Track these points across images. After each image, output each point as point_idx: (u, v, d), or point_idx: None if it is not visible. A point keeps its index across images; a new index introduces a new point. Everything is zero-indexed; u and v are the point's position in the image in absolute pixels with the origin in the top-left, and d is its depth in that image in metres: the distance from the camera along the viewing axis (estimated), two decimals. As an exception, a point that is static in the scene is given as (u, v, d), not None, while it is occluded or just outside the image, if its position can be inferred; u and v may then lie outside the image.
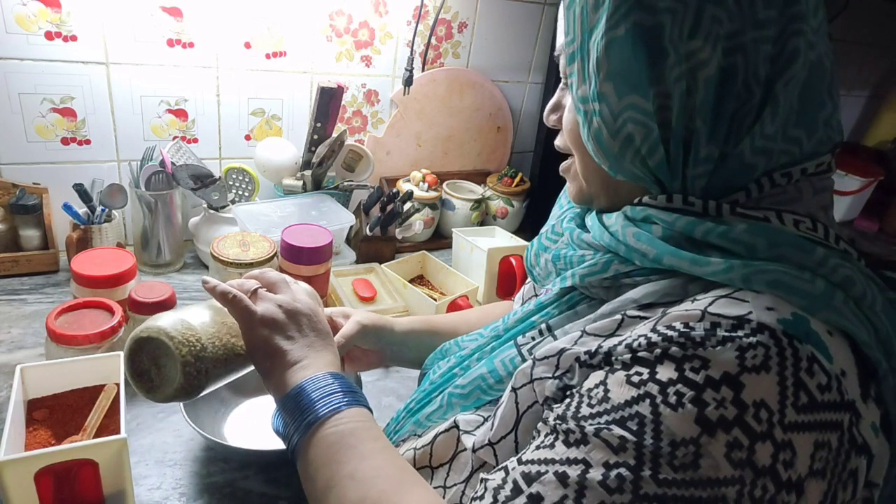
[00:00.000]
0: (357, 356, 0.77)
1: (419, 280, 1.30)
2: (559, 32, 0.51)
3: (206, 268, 1.21)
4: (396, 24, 1.35)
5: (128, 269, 0.93)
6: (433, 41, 1.40)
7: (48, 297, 1.06)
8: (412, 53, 1.37)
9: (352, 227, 1.32)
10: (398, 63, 1.40)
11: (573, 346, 0.45)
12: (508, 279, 1.19)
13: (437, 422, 0.58)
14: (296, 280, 0.67)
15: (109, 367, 0.74)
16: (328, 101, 1.25)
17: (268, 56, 1.24)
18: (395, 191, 1.33)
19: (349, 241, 1.34)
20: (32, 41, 1.05)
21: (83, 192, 1.10)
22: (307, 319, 0.60)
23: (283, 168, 1.28)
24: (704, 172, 0.44)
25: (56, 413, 0.71)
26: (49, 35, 1.05)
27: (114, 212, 1.14)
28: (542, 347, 0.47)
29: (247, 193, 1.29)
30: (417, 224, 1.35)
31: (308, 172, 1.28)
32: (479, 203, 1.50)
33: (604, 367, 0.41)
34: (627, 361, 0.39)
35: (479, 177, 1.59)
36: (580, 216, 0.57)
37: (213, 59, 1.20)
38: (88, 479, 0.63)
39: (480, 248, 1.21)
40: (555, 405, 0.43)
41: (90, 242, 1.10)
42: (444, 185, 1.49)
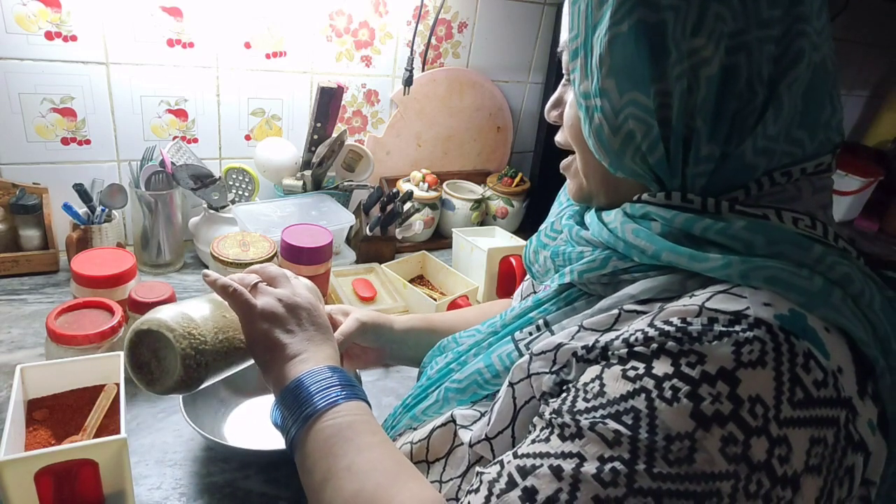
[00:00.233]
0: (356, 353, 0.77)
1: (419, 280, 1.30)
2: (563, 28, 0.51)
3: (206, 268, 1.21)
4: (396, 24, 1.35)
5: (128, 269, 0.93)
6: (433, 41, 1.40)
7: (48, 297, 1.06)
8: (412, 53, 1.37)
9: (352, 227, 1.32)
10: (398, 63, 1.40)
11: (570, 341, 0.45)
12: (508, 279, 1.19)
13: (434, 416, 0.58)
14: (296, 275, 0.67)
15: (109, 367, 0.74)
16: (328, 101, 1.25)
17: (268, 56, 1.25)
18: (395, 191, 1.33)
19: (349, 241, 1.34)
20: (32, 41, 1.05)
21: (83, 192, 1.10)
22: (307, 313, 0.60)
23: (283, 168, 1.28)
24: (705, 171, 0.44)
25: (56, 413, 0.71)
26: (49, 35, 1.05)
27: (114, 212, 1.14)
28: (540, 342, 0.47)
29: (247, 193, 1.29)
30: (417, 224, 1.35)
31: (308, 172, 1.29)
32: (479, 203, 1.50)
33: (600, 362, 0.41)
34: (624, 356, 0.39)
35: (479, 177, 1.59)
36: (579, 213, 0.57)
37: (213, 59, 1.20)
38: (88, 479, 0.64)
39: (480, 248, 1.21)
40: (551, 400, 0.43)
41: (90, 242, 1.11)
42: (444, 185, 1.49)
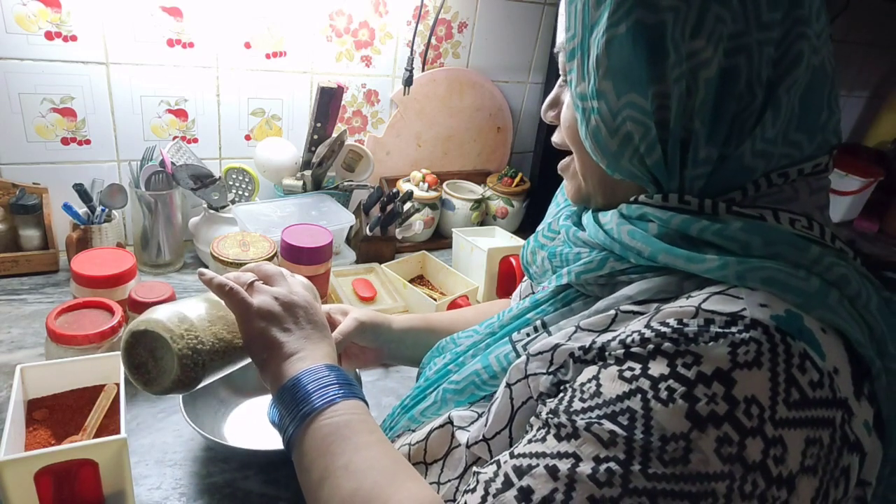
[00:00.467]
0: (355, 353, 0.77)
1: (419, 280, 1.30)
2: (559, 28, 0.50)
3: (207, 268, 1.21)
4: (396, 24, 1.35)
5: (128, 269, 0.93)
6: (433, 41, 1.40)
7: (48, 297, 1.06)
8: (412, 53, 1.38)
9: (352, 227, 1.32)
10: (398, 63, 1.40)
11: (567, 342, 0.45)
12: (508, 279, 1.19)
13: (432, 417, 0.58)
14: (292, 273, 0.66)
15: (109, 367, 0.74)
16: (328, 101, 1.25)
17: (268, 56, 1.25)
18: (395, 191, 1.33)
19: (349, 241, 1.35)
20: (32, 41, 1.05)
21: (83, 192, 1.10)
22: (304, 311, 0.60)
23: (283, 168, 1.28)
24: (703, 174, 0.44)
25: (56, 413, 0.71)
26: (49, 35, 1.05)
27: (114, 212, 1.15)
28: (537, 343, 0.47)
29: (247, 193, 1.29)
30: (417, 224, 1.35)
31: (308, 172, 1.29)
32: (479, 203, 1.50)
33: (597, 363, 0.41)
34: (620, 357, 0.40)
35: (479, 177, 1.59)
36: (577, 214, 0.57)
37: (213, 59, 1.20)
38: (88, 479, 0.64)
39: (480, 248, 1.21)
40: (548, 400, 0.43)
41: (90, 242, 1.11)
42: (444, 185, 1.49)
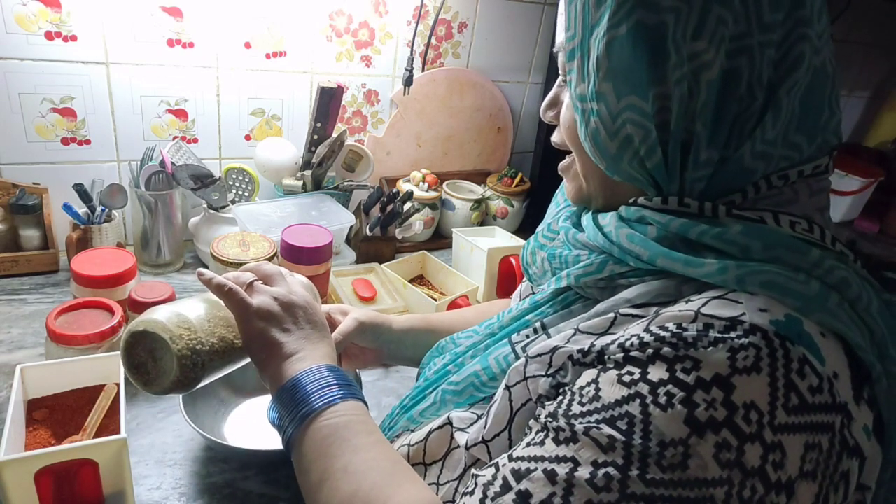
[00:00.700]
0: (354, 353, 0.77)
1: (419, 280, 1.30)
2: (559, 28, 0.50)
3: (207, 268, 1.21)
4: (396, 24, 1.35)
5: (128, 269, 0.93)
6: (433, 41, 1.40)
7: (48, 297, 1.06)
8: (412, 53, 1.37)
9: (352, 227, 1.32)
10: (398, 63, 1.40)
11: (566, 344, 0.45)
12: (508, 279, 1.19)
13: (431, 418, 0.58)
14: (292, 272, 0.66)
15: (109, 367, 0.74)
16: (328, 101, 1.25)
17: (268, 56, 1.25)
18: (395, 191, 1.33)
19: (349, 241, 1.35)
20: (32, 41, 1.05)
21: (83, 192, 1.10)
22: (303, 311, 0.60)
23: (283, 168, 1.28)
24: (704, 176, 0.44)
25: (56, 413, 0.71)
26: (49, 35, 1.05)
27: (114, 212, 1.15)
28: (536, 345, 0.47)
29: (247, 193, 1.29)
30: (417, 224, 1.35)
31: (308, 172, 1.29)
32: (479, 203, 1.50)
33: (596, 366, 0.41)
34: (619, 361, 0.39)
35: (479, 177, 1.59)
36: (576, 215, 0.57)
37: (213, 59, 1.20)
38: (88, 479, 0.64)
39: (480, 248, 1.21)
40: (547, 403, 0.43)
41: (90, 242, 1.11)
42: (444, 185, 1.49)
